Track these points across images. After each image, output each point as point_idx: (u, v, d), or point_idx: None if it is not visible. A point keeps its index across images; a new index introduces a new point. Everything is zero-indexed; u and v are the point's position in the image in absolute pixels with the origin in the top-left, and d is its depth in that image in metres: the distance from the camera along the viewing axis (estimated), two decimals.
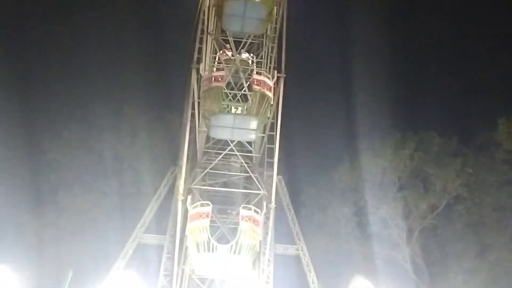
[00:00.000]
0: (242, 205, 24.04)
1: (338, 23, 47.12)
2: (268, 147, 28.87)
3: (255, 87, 23.74)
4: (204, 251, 22.28)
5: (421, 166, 37.00)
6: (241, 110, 25.63)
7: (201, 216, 22.90)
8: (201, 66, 25.32)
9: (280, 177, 30.84)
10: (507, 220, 34.32)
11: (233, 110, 25.21)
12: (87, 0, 47.41)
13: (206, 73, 25.28)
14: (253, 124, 24.19)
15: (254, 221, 23.02)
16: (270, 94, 24.07)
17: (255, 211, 23.39)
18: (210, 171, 27.51)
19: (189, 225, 22.93)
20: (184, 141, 25.73)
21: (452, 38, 47.84)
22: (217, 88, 23.69)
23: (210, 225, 23.51)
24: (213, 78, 23.82)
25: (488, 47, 45.44)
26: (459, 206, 36.28)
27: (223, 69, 25.99)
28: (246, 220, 22.66)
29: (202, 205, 23.33)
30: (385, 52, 45.40)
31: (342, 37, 46.49)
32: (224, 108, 25.18)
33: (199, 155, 29.48)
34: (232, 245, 22.23)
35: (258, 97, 23.84)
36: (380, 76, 42.70)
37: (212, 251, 22.13)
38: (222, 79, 23.92)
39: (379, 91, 41.89)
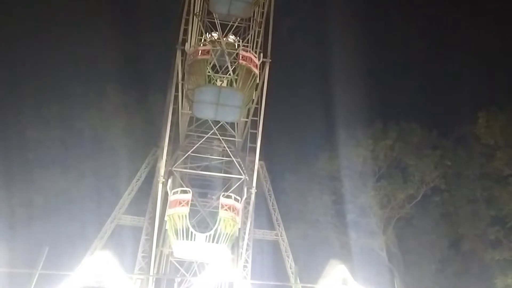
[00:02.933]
0: (222, 193, 24.02)
1: (325, 12, 46.99)
2: (250, 132, 28.82)
3: (241, 61, 23.53)
4: (183, 238, 22.28)
5: (401, 156, 37.47)
6: (226, 83, 25.31)
7: (181, 203, 22.81)
8: (186, 46, 24.94)
9: (262, 162, 30.92)
10: (481, 212, 35.06)
11: (218, 83, 24.84)
12: None
13: (192, 49, 24.88)
14: (238, 99, 23.94)
15: (234, 210, 23.07)
16: (256, 71, 23.94)
17: (235, 199, 23.39)
18: (191, 154, 27.35)
19: (168, 212, 22.83)
20: (167, 123, 25.48)
21: (434, 30, 48.37)
22: (202, 61, 23.39)
23: (190, 209, 23.48)
24: (199, 52, 23.49)
25: (470, 41, 45.99)
26: (436, 197, 36.99)
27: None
28: (225, 209, 22.66)
29: (183, 191, 23.18)
30: (369, 42, 45.61)
31: (326, 25, 46.36)
32: (209, 81, 24.76)
33: (181, 137, 29.27)
34: (210, 234, 22.25)
35: (244, 72, 23.66)
36: (363, 66, 42.94)
37: (191, 239, 22.12)
38: (208, 52, 23.63)
39: (362, 81, 42.20)
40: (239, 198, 23.73)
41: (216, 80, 25.21)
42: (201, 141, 26.77)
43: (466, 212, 35.81)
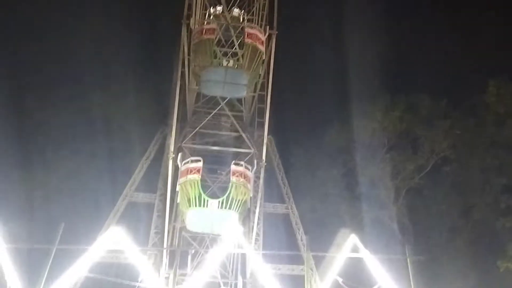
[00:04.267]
0: (233, 162, 24.17)
1: None
2: (258, 107, 28.84)
3: (247, 40, 23.45)
4: (195, 205, 22.53)
5: (410, 127, 37.24)
6: (232, 64, 25.28)
7: (192, 171, 23.03)
8: (191, 21, 24.75)
9: (270, 137, 30.94)
10: (491, 181, 34.95)
11: (225, 63, 24.80)
12: None
13: (197, 27, 24.74)
14: (244, 78, 23.96)
15: (245, 177, 23.28)
16: (262, 48, 23.83)
17: (245, 167, 23.55)
18: (200, 130, 27.52)
19: (180, 180, 23.07)
20: (174, 99, 25.54)
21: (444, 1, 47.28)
22: (208, 41, 23.37)
23: (201, 184, 23.71)
24: (204, 31, 23.38)
25: (479, 9, 44.97)
26: (446, 167, 36.79)
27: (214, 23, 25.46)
28: (237, 176, 22.85)
29: (193, 161, 23.39)
30: (377, 15, 44.74)
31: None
32: (216, 61, 24.77)
33: (189, 114, 29.38)
34: (223, 199, 22.49)
35: (250, 50, 23.57)
36: (371, 39, 42.24)
37: (203, 206, 22.37)
38: (213, 31, 23.51)
39: (370, 53, 41.53)
40: (249, 167, 23.90)
41: (222, 60, 25.16)
42: (209, 117, 26.87)
43: (476, 181, 35.68)
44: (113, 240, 21.51)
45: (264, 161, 25.31)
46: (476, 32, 43.10)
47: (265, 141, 25.92)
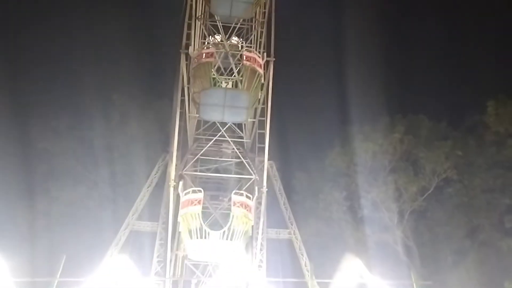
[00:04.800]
0: (234, 191, 24.11)
1: (328, 7, 46.99)
2: (258, 133, 28.94)
3: (245, 62, 23.67)
4: (197, 237, 22.39)
5: (411, 149, 37.31)
6: (232, 84, 25.41)
7: (193, 203, 22.95)
8: (190, 50, 25.16)
9: (272, 162, 30.98)
10: (495, 201, 34.78)
11: (224, 85, 24.98)
12: None
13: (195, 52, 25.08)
14: (244, 100, 24.06)
15: (246, 207, 23.14)
16: (260, 70, 24.04)
17: (247, 196, 23.48)
18: (201, 157, 27.55)
19: (181, 212, 22.98)
20: (174, 127, 25.69)
21: (442, 22, 47.95)
22: (207, 64, 23.57)
23: (202, 211, 23.61)
24: (203, 55, 23.68)
25: (477, 31, 45.64)
26: (449, 188, 36.71)
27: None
28: (238, 206, 22.74)
29: (194, 191, 23.34)
30: (374, 37, 45.43)
31: (332, 21, 46.37)
32: (215, 83, 24.92)
33: (190, 141, 29.48)
34: (224, 231, 22.34)
35: (248, 72, 23.78)
36: (369, 61, 42.78)
37: (205, 238, 22.23)
38: (212, 55, 23.80)
39: (369, 75, 42.05)
40: (250, 196, 23.81)
41: (221, 82, 25.40)
42: (209, 144, 26.94)
43: (480, 202, 35.54)
44: (115, 269, 21.41)
45: (265, 187, 25.25)
46: (474, 52, 43.69)
47: (265, 167, 25.91)
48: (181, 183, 24.94)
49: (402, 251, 36.17)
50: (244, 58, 23.86)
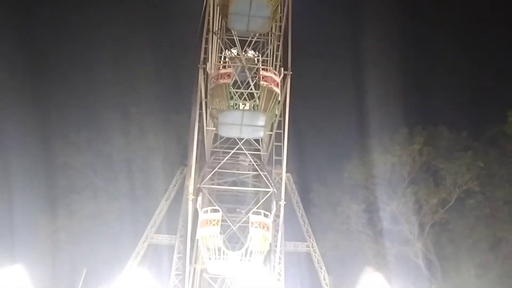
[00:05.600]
0: (251, 210, 24.05)
1: (345, 19, 47.15)
2: (276, 145, 28.89)
3: (262, 82, 23.77)
4: (215, 257, 22.41)
5: (431, 160, 36.76)
6: (249, 106, 25.61)
7: (211, 223, 22.95)
8: (208, 65, 25.44)
9: (289, 175, 30.91)
10: None
11: (241, 106, 25.17)
12: (95, 6, 47.71)
13: (213, 71, 25.37)
14: (261, 120, 24.18)
15: (264, 226, 23.04)
16: (278, 90, 24.10)
17: (264, 215, 23.39)
18: (219, 170, 27.63)
19: (199, 232, 23.01)
20: (193, 141, 25.84)
21: (460, 31, 47.57)
22: (224, 85, 23.75)
23: (221, 224, 23.59)
24: (220, 75, 23.89)
25: (497, 41, 45.12)
26: (470, 200, 35.94)
27: (230, 67, 26.04)
28: (255, 226, 22.68)
29: (212, 210, 23.36)
30: (392, 47, 45.30)
31: (349, 33, 46.48)
32: (232, 106, 25.21)
33: (207, 154, 29.62)
34: (242, 252, 22.29)
35: (265, 92, 23.90)
36: (387, 72, 42.61)
37: (223, 258, 22.24)
38: (229, 76, 23.96)
39: (387, 86, 41.83)
40: (268, 214, 23.69)
41: (238, 102, 25.43)
42: (227, 157, 27.02)
43: (503, 214, 34.72)
44: (134, 282, 21.48)
45: (283, 200, 25.13)
46: (493, 62, 43.14)
47: (283, 179, 25.85)
48: (199, 197, 25.01)
49: (423, 264, 35.47)
50: (261, 78, 23.95)
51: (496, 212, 35.20)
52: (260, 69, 24.65)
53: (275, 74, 24.31)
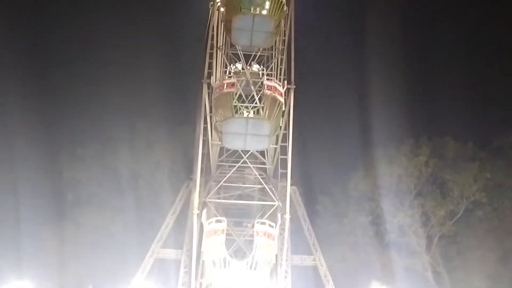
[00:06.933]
0: (257, 220, 24.05)
1: (348, 32, 47.29)
2: (281, 158, 28.89)
3: (266, 91, 23.92)
4: (221, 267, 22.35)
5: (437, 172, 36.54)
6: (254, 114, 25.69)
7: (216, 232, 22.97)
8: (212, 80, 25.64)
9: (294, 187, 30.86)
10: None
11: (245, 114, 25.29)
12: (100, 18, 48.27)
13: (217, 82, 25.53)
14: (266, 128, 24.23)
15: (269, 236, 23.04)
16: (281, 99, 24.23)
17: (269, 225, 23.37)
18: (224, 184, 27.68)
19: (204, 242, 23.03)
20: (198, 155, 25.96)
21: (467, 41, 47.52)
22: (229, 94, 23.91)
23: (226, 238, 23.60)
24: (225, 85, 24.07)
25: (503, 50, 45.01)
26: (478, 211, 35.69)
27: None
28: (261, 236, 22.64)
29: (217, 221, 23.39)
30: (397, 58, 45.28)
31: (353, 45, 46.58)
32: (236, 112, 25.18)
33: (213, 168, 29.75)
34: (248, 261, 22.24)
35: (269, 101, 24.01)
36: (392, 83, 42.57)
37: (228, 268, 22.17)
38: (233, 85, 24.14)
39: (392, 98, 41.69)
40: (273, 224, 23.68)
41: (243, 111, 25.62)
42: (232, 171, 27.09)
43: (511, 224, 34.33)
44: None
45: (288, 213, 25.09)
46: (499, 71, 43.02)
47: (288, 193, 25.82)
48: (204, 210, 25.07)
49: (432, 277, 35.08)
50: (265, 88, 24.10)
51: (505, 223, 34.87)
52: (265, 79, 24.82)
53: (278, 85, 24.49)
